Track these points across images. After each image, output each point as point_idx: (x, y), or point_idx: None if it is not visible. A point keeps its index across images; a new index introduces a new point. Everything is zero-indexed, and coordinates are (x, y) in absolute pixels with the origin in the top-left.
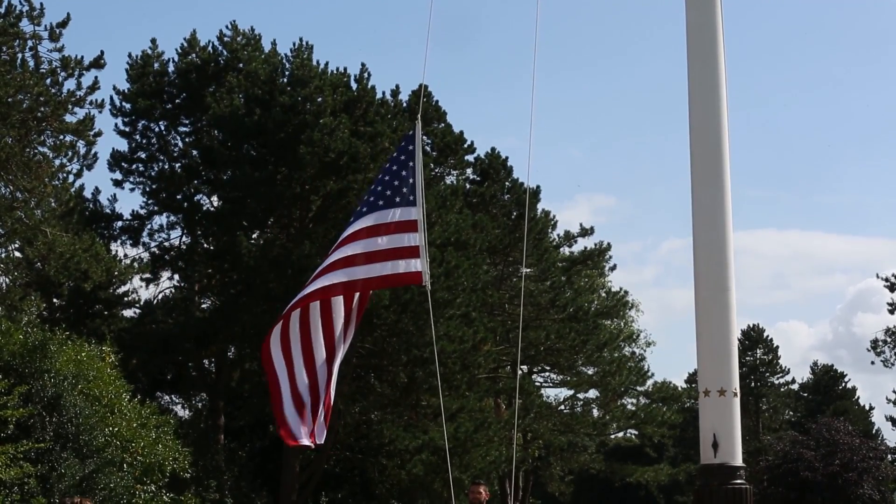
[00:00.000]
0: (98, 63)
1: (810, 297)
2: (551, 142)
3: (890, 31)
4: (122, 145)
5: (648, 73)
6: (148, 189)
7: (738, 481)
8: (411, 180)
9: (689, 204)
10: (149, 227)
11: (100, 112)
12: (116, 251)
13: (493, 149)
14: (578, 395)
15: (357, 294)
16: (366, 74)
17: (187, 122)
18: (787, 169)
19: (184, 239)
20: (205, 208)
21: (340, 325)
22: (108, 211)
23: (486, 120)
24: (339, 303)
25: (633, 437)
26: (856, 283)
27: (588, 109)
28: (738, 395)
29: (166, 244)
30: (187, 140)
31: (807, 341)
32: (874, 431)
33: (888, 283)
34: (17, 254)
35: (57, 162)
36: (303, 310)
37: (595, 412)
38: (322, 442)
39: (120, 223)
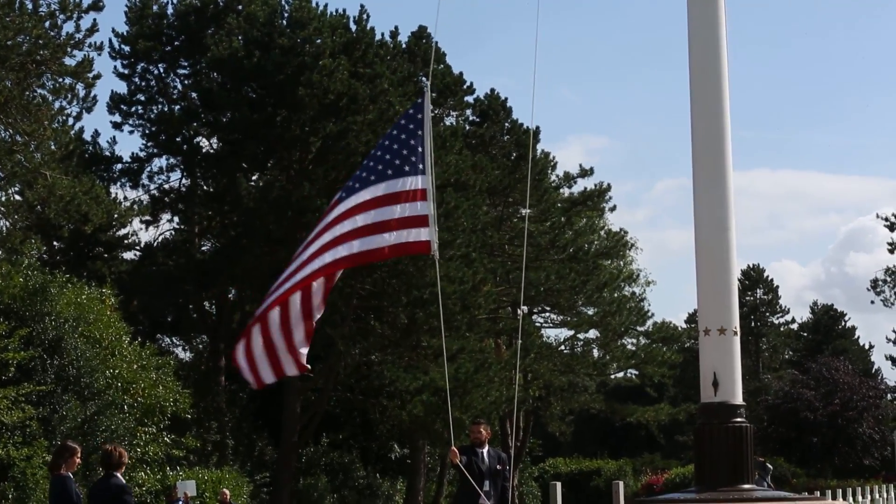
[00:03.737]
0: (97, 5)
1: (805, 237)
2: (543, 82)
3: None
4: (122, 88)
5: (641, 13)
6: (147, 131)
7: (739, 419)
8: (420, 149)
9: (683, 144)
10: (148, 169)
11: (99, 55)
12: (116, 194)
13: (492, 90)
14: (579, 336)
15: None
16: (365, 16)
17: (186, 64)
18: (779, 109)
19: (183, 181)
20: (204, 150)
21: (319, 297)
22: (107, 153)
23: (479, 60)
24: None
25: (634, 377)
26: (848, 223)
27: (580, 50)
28: (738, 333)
29: (166, 186)
30: (186, 82)
31: (800, 281)
32: (874, 371)
33: (888, 223)
34: (18, 197)
35: (56, 105)
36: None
37: (595, 352)
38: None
39: (119, 166)
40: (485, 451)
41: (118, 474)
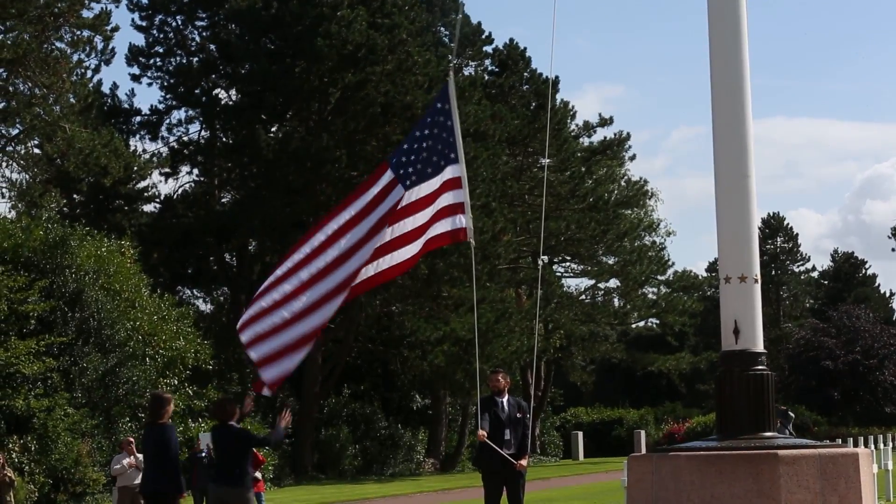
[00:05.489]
0: None
1: (822, 185)
2: (558, 32)
3: None
4: (140, 40)
5: None
6: (166, 84)
7: (760, 367)
8: (451, 139)
9: (699, 92)
10: (167, 121)
11: (116, 7)
12: (135, 146)
13: (511, 39)
14: (599, 285)
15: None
16: None
17: (204, 16)
18: (793, 56)
19: (202, 133)
20: (223, 102)
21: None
22: (126, 106)
23: (494, 10)
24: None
25: (655, 326)
26: (864, 170)
27: None
28: (759, 281)
29: (185, 139)
30: (204, 34)
31: (817, 229)
32: (895, 319)
33: None
34: (37, 150)
35: (75, 57)
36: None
37: (616, 302)
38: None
39: (138, 118)
40: (505, 399)
41: (234, 422)
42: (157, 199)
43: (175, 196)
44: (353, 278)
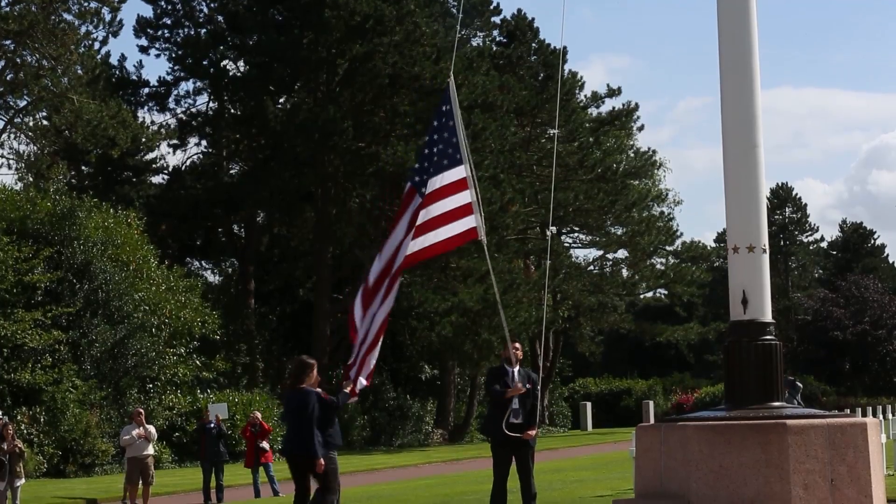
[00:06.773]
0: None
1: (828, 155)
2: (560, 1)
3: None
4: (148, 11)
5: None
6: (174, 55)
7: (768, 337)
8: (454, 139)
9: (705, 62)
10: (175, 93)
11: None
12: (143, 118)
13: (519, 10)
14: (608, 256)
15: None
16: None
17: None
18: (800, 26)
19: (210, 104)
20: (231, 73)
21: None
22: (134, 77)
23: None
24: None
25: (663, 296)
26: (870, 141)
27: None
28: (767, 251)
29: (193, 110)
30: (212, 5)
31: (822, 199)
32: None
33: None
34: (45, 122)
35: (83, 29)
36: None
37: (624, 272)
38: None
39: (146, 89)
40: (515, 370)
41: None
42: (166, 171)
43: (183, 167)
44: (395, 280)
